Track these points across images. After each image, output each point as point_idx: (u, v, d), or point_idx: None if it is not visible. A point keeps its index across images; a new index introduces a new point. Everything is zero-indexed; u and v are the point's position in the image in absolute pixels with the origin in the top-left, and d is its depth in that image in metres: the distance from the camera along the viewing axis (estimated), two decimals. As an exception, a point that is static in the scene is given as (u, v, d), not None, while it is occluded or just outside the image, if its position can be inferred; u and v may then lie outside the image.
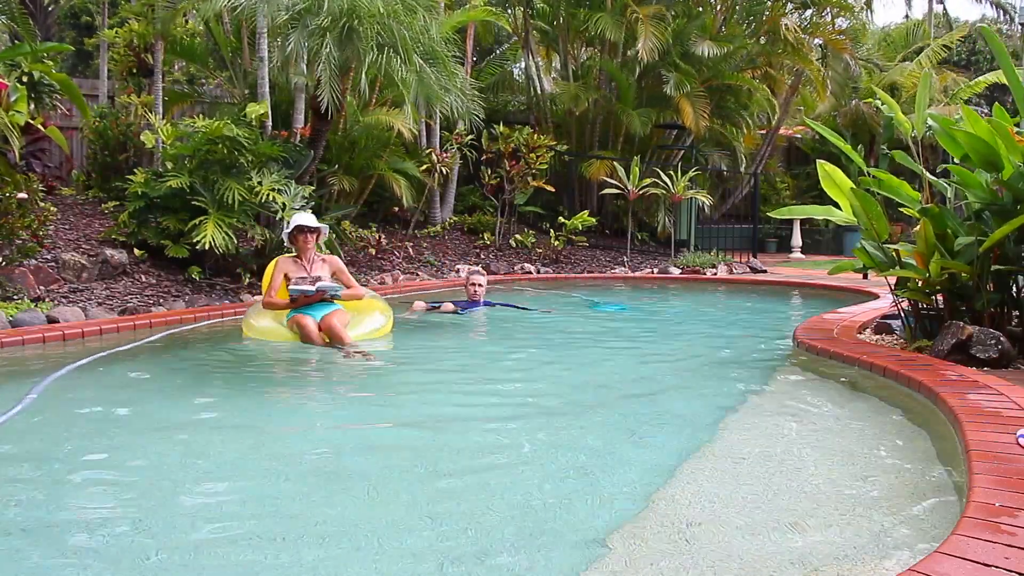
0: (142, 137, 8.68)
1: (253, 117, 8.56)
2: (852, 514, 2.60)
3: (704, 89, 14.14)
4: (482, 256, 12.23)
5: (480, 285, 7.56)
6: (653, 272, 12.00)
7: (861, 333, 5.81)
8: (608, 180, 13.18)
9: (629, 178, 12.81)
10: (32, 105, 8.50)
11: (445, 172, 12.45)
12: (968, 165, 4.81)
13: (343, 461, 3.32)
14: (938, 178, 5.40)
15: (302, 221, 5.70)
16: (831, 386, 4.50)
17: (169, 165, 8.04)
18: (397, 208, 12.60)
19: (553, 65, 17.37)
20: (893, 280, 5.35)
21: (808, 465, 3.17)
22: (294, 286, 5.56)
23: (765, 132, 17.61)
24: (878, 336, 5.66)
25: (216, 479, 3.04)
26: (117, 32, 10.96)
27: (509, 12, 14.91)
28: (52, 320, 6.02)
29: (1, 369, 4.91)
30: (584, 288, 10.52)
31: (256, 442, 3.58)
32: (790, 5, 15.78)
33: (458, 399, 4.47)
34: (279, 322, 5.80)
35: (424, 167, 11.98)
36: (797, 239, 16.08)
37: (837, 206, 5.55)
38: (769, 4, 15.47)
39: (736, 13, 15.92)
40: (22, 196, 6.93)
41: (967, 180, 4.64)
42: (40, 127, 8.29)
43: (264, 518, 2.64)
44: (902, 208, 5.21)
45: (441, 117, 12.24)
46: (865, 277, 9.80)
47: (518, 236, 12.98)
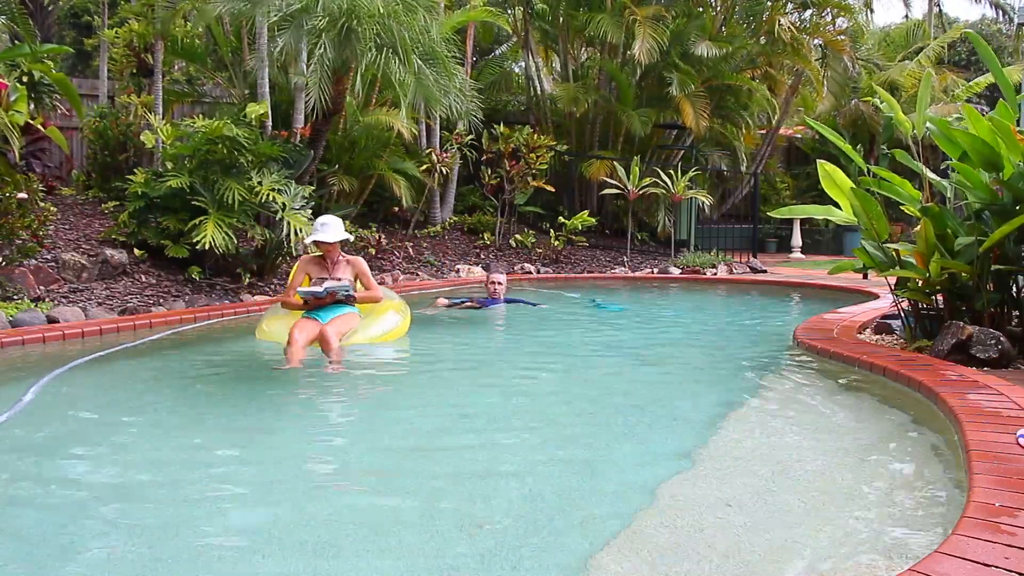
0: (142, 137, 8.68)
1: (253, 117, 8.56)
2: (852, 514, 2.60)
3: (704, 89, 14.14)
4: (482, 256, 12.23)
5: (500, 283, 7.92)
6: (653, 272, 11.99)
7: (861, 333, 5.81)
8: (608, 180, 13.18)
9: (629, 178, 12.81)
10: (32, 105, 8.50)
11: (445, 172, 12.45)
12: (967, 165, 4.81)
13: (344, 464, 3.32)
14: (938, 177, 5.41)
15: (321, 238, 5.50)
16: (831, 386, 4.49)
17: (169, 165, 8.04)
18: (397, 208, 12.60)
19: (553, 65, 17.37)
20: (893, 280, 5.35)
21: (808, 465, 3.16)
22: (304, 288, 5.45)
23: (765, 132, 17.61)
24: (878, 336, 5.66)
25: (219, 484, 3.04)
26: (117, 32, 10.95)
27: (509, 12, 14.92)
28: (52, 320, 6.02)
29: (1, 369, 4.91)
30: (584, 288, 10.52)
31: (253, 445, 3.58)
32: (790, 5, 15.79)
33: (457, 400, 4.47)
34: (291, 325, 5.55)
35: (424, 167, 11.98)
36: (797, 239, 16.09)
37: (837, 206, 5.55)
38: (769, 4, 15.47)
39: (736, 13, 15.92)
40: (22, 196, 6.93)
41: (969, 178, 4.64)
42: (40, 127, 8.30)
43: (261, 520, 2.64)
44: (902, 208, 5.21)
45: (441, 117, 12.24)
46: (865, 277, 9.80)
47: (518, 236, 12.98)
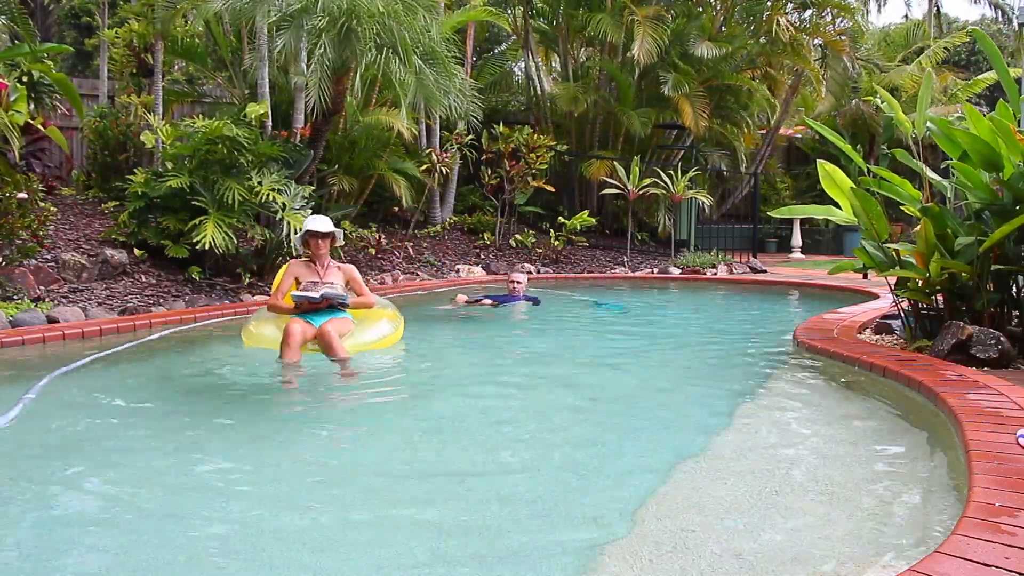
0: (142, 137, 8.68)
1: (253, 117, 8.56)
2: (852, 514, 2.60)
3: (704, 89, 14.14)
4: (482, 256, 12.23)
5: (519, 282, 8.28)
6: (653, 272, 11.99)
7: (861, 333, 5.81)
8: (608, 180, 13.18)
9: (629, 178, 12.82)
10: (32, 105, 8.50)
11: (445, 172, 12.45)
12: (967, 165, 4.81)
13: (344, 465, 3.32)
14: (938, 177, 5.41)
15: (314, 226, 5.32)
16: (831, 386, 4.50)
17: (169, 165, 8.04)
18: (397, 208, 12.60)
19: (553, 65, 17.37)
20: (893, 280, 5.35)
21: (808, 465, 3.16)
22: (298, 291, 5.18)
23: (765, 132, 17.62)
24: (878, 336, 5.66)
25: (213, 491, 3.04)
26: (117, 32, 10.95)
27: (509, 12, 14.92)
28: (52, 320, 6.02)
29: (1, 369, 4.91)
30: (584, 287, 10.52)
31: (246, 450, 3.58)
32: (790, 5, 15.79)
33: (456, 400, 4.47)
34: (281, 328, 5.28)
35: (424, 167, 11.98)
36: (797, 239, 16.09)
37: (837, 206, 5.55)
38: (769, 4, 15.47)
39: (736, 13, 15.92)
40: (22, 196, 6.93)
41: (969, 178, 4.64)
42: (40, 127, 8.30)
43: (261, 524, 2.64)
44: (902, 208, 5.21)
45: (441, 117, 12.24)
46: (865, 277, 9.80)
47: (518, 236, 12.98)
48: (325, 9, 7.89)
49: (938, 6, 21.90)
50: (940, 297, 5.07)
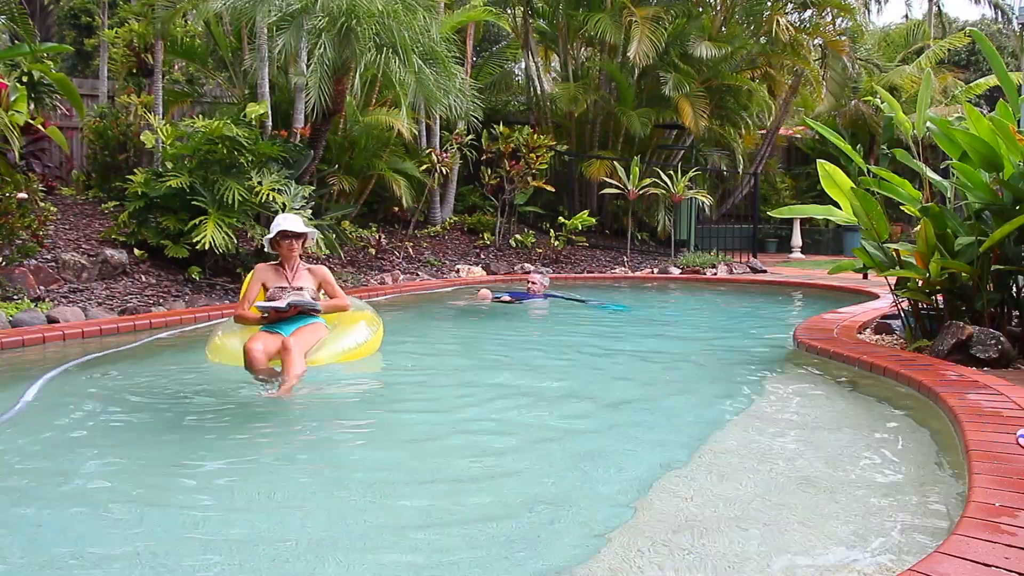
0: (142, 137, 8.68)
1: (253, 117, 8.56)
2: (852, 514, 2.60)
3: (703, 89, 14.14)
4: (482, 256, 12.23)
5: (535, 282, 8.84)
6: (653, 272, 11.99)
7: (861, 333, 5.81)
8: (608, 180, 13.18)
9: (629, 178, 12.82)
10: (32, 105, 8.49)
11: (445, 172, 12.45)
12: (967, 165, 4.81)
13: (342, 466, 3.32)
14: (938, 177, 5.41)
15: (286, 226, 4.88)
16: (831, 386, 4.49)
17: (169, 165, 8.04)
18: (397, 208, 12.60)
19: (553, 65, 17.36)
20: (893, 280, 5.35)
21: (807, 465, 3.16)
22: (263, 301, 4.73)
23: (765, 132, 17.62)
24: (878, 336, 5.66)
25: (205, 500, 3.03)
26: (117, 32, 10.95)
27: (509, 12, 14.92)
28: (52, 320, 6.02)
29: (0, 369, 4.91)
30: (586, 288, 10.52)
31: (236, 456, 3.58)
32: (790, 5, 15.79)
33: (455, 402, 4.47)
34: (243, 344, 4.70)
35: (424, 167, 11.98)
36: (797, 239, 16.09)
37: (837, 206, 5.55)
38: (769, 4, 15.47)
39: (736, 14, 15.92)
40: (22, 196, 6.93)
41: (970, 178, 4.64)
42: (40, 127, 8.29)
43: (252, 530, 2.64)
44: (902, 208, 5.21)
45: (441, 117, 12.25)
46: (865, 277, 9.80)
47: (518, 236, 12.98)
48: (325, 9, 7.89)
49: (939, 6, 21.89)
50: (940, 297, 5.08)
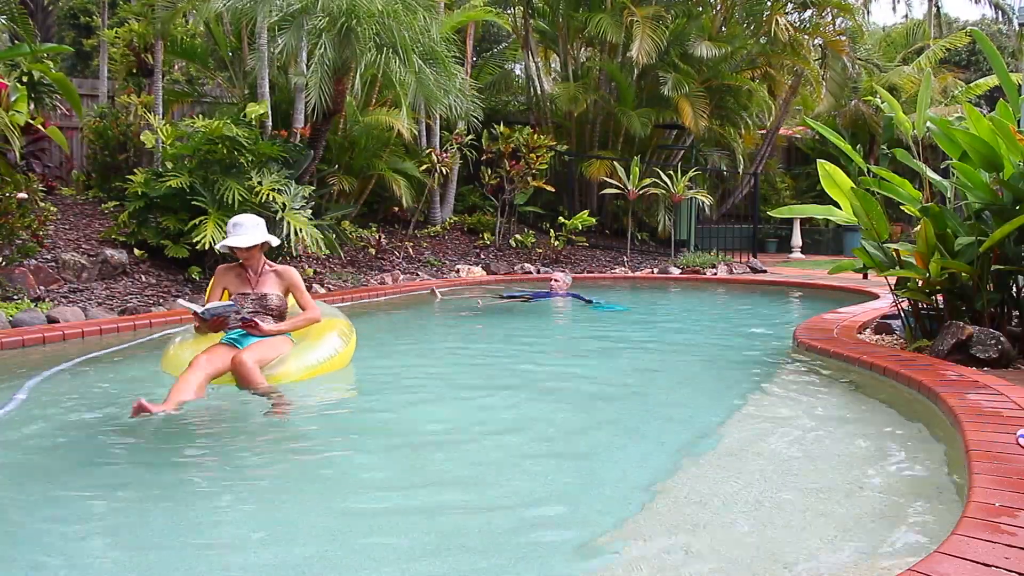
0: (142, 137, 8.69)
1: (253, 117, 8.56)
2: (852, 513, 2.60)
3: (703, 89, 14.14)
4: (482, 256, 12.23)
5: (556, 280, 9.30)
6: (653, 272, 11.99)
7: (861, 333, 5.81)
8: (608, 180, 13.18)
9: (629, 178, 12.81)
10: (32, 105, 8.50)
11: (445, 172, 12.45)
12: (967, 165, 4.81)
13: (342, 465, 3.32)
14: (938, 177, 5.41)
15: (233, 242, 4.29)
16: (831, 386, 4.49)
17: (169, 165, 8.05)
18: (397, 208, 12.60)
19: (553, 65, 17.35)
20: (893, 280, 5.35)
21: (808, 465, 3.16)
22: (208, 304, 4.14)
23: (765, 132, 17.62)
24: (878, 336, 5.65)
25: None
26: (117, 32, 10.95)
27: (509, 12, 14.91)
28: (52, 320, 6.02)
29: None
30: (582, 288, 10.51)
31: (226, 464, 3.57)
32: (790, 5, 15.79)
33: (455, 398, 4.47)
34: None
35: (424, 167, 11.98)
36: (797, 239, 16.09)
37: (837, 206, 5.55)
38: (769, 4, 15.47)
39: (736, 14, 15.93)
40: (22, 196, 6.93)
41: (969, 178, 4.64)
42: (40, 127, 8.29)
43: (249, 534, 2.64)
44: (902, 208, 5.21)
45: (441, 117, 12.25)
46: (865, 277, 9.80)
47: (518, 236, 12.98)
48: (325, 9, 7.90)
49: (938, 6, 21.88)
50: (940, 297, 5.07)
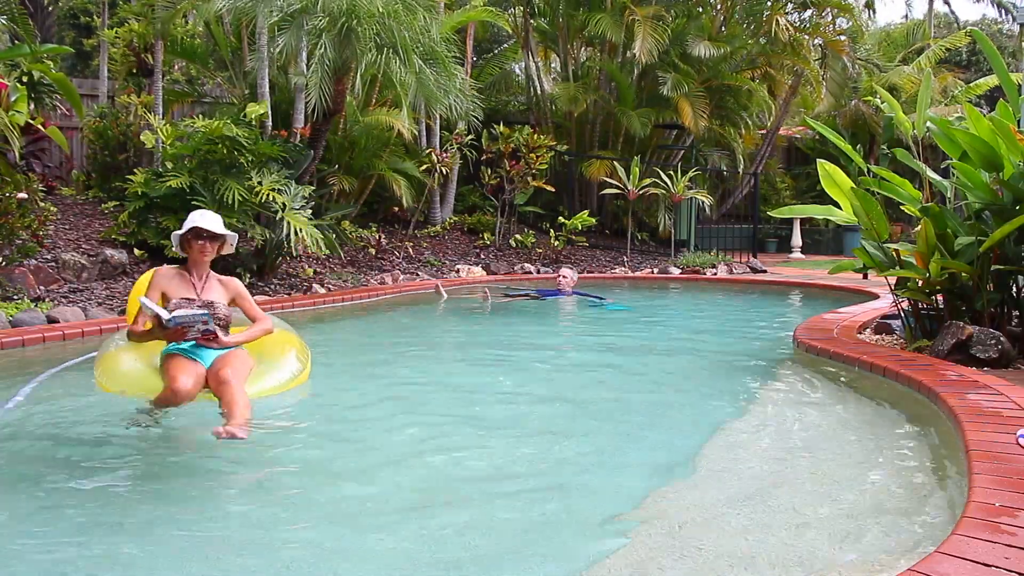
0: (142, 137, 8.69)
1: (253, 117, 8.56)
2: (852, 513, 2.60)
3: (703, 89, 14.13)
4: (482, 256, 12.23)
5: (565, 277, 9.32)
6: (653, 272, 11.99)
7: (861, 333, 5.81)
8: (608, 180, 13.17)
9: (629, 178, 12.81)
10: (32, 105, 8.49)
11: (445, 172, 12.45)
12: (967, 165, 4.81)
13: (340, 464, 3.32)
14: (939, 177, 5.41)
15: (201, 223, 3.78)
16: (831, 386, 4.49)
17: (169, 165, 8.05)
18: (397, 208, 12.60)
19: (553, 65, 17.34)
20: (893, 280, 5.35)
21: (808, 465, 3.16)
22: (176, 312, 3.53)
23: (765, 132, 17.61)
24: (878, 336, 5.65)
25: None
26: (117, 32, 10.95)
27: (509, 12, 14.91)
28: (52, 320, 6.02)
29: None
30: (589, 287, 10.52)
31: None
32: (790, 5, 15.79)
33: (452, 404, 4.47)
34: (151, 365, 3.74)
35: (424, 167, 11.98)
36: (797, 239, 16.09)
37: (837, 206, 5.55)
38: (769, 4, 15.47)
39: (736, 14, 15.93)
40: (22, 196, 6.93)
41: (969, 178, 4.64)
42: (40, 127, 8.29)
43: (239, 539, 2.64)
44: (902, 208, 5.21)
45: (441, 117, 12.24)
46: (865, 277, 9.80)
47: (518, 236, 12.97)
48: (325, 9, 7.89)
49: (948, 4, 21.88)
50: (940, 297, 5.07)
